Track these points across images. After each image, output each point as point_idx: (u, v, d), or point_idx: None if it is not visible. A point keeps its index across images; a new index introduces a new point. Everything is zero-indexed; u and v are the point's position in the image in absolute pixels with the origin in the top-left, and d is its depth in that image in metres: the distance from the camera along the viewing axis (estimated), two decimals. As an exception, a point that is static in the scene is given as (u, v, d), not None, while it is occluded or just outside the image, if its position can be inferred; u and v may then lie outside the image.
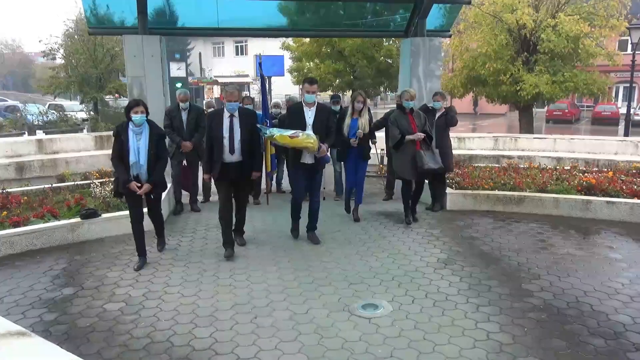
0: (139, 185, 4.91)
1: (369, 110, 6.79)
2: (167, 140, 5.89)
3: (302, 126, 5.50)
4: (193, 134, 7.03)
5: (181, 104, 7.02)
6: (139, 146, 4.85)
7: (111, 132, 6.08)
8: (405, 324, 3.89)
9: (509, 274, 4.93)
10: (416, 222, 6.68)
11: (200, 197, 7.74)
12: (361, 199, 6.97)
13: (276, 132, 5.48)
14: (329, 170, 7.78)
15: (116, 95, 26.31)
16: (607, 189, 7.19)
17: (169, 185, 6.88)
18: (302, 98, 5.72)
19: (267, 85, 6.95)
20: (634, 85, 21.01)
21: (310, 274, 4.94)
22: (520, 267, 5.14)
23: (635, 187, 7.23)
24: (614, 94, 31.08)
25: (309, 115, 5.56)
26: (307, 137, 5.33)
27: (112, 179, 5.28)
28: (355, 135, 6.46)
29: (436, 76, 8.24)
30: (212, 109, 8.35)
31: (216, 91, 47.13)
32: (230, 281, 4.76)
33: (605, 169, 9.01)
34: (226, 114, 5.24)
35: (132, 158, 4.83)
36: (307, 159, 5.59)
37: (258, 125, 5.56)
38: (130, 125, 4.87)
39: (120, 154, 4.89)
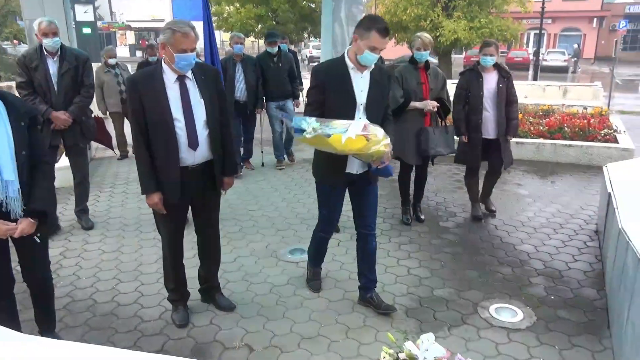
0: (10, 223, 2.52)
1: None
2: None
3: (350, 107, 3.01)
4: (70, 98, 4.37)
5: (45, 43, 4.13)
6: None
7: (13, 83, 4.86)
8: (332, 265, 4.02)
9: (428, 213, 5.19)
10: (421, 222, 4.95)
11: (116, 151, 6.94)
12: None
13: (323, 128, 2.77)
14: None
15: (15, 41, 23.92)
16: (516, 131, 7.67)
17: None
18: (347, 53, 3.13)
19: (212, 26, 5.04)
20: (543, 32, 22.11)
21: (237, 223, 4.93)
22: (438, 206, 5.43)
23: (542, 128, 7.77)
24: (525, 41, 32.69)
25: (361, 86, 3.04)
26: (383, 137, 2.83)
27: None
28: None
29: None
30: (113, 59, 7.05)
31: (130, 37, 43.96)
32: (154, 234, 4.60)
33: (516, 112, 9.57)
34: (170, 77, 2.82)
35: None
36: (355, 167, 3.17)
37: (281, 117, 2.77)
38: None
39: None
